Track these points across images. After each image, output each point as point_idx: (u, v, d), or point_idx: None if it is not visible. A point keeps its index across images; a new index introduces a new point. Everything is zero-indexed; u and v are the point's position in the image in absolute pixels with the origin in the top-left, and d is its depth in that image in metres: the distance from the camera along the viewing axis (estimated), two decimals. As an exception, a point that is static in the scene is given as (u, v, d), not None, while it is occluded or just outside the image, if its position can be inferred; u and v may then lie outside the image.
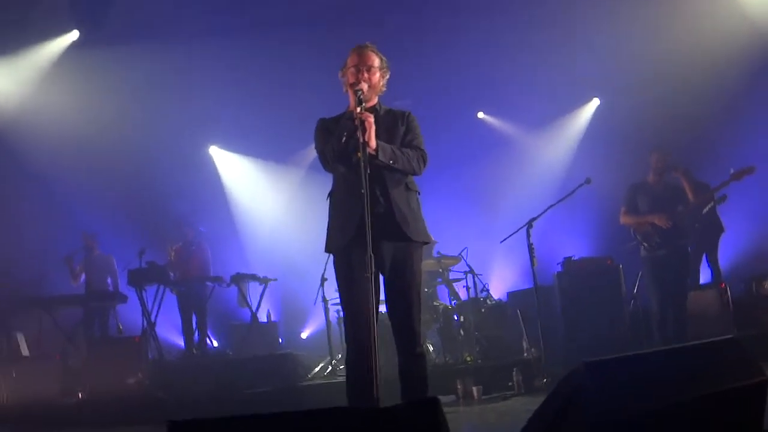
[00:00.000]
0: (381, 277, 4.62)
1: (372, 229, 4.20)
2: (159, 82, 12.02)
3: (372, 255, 4.16)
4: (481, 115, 14.38)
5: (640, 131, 11.35)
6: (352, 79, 4.72)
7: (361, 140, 4.36)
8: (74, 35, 11.79)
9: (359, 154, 4.33)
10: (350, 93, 4.69)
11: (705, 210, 9.57)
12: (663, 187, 8.55)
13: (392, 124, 4.81)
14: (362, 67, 4.74)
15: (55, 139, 11.82)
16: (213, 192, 14.25)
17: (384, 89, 4.91)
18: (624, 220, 8.73)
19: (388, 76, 4.91)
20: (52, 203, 12.65)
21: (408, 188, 4.75)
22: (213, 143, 14.53)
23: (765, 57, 11.16)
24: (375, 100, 4.86)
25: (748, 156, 8.87)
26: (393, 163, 4.58)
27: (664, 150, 8.71)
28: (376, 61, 4.81)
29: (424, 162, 4.78)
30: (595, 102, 13.77)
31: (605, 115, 13.41)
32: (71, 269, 11.51)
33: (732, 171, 8.26)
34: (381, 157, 4.50)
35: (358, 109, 4.48)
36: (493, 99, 13.69)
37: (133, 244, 11.03)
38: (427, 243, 4.83)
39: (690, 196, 8.60)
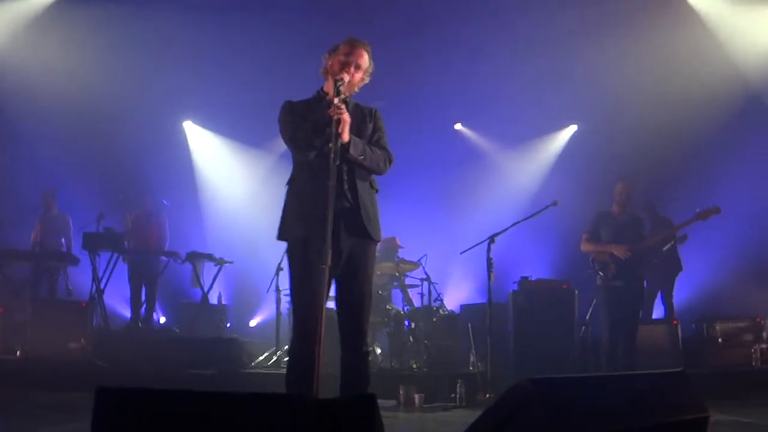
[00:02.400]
0: (334, 271, 4.55)
1: (334, 222, 4.17)
2: (140, 48, 11.87)
3: (330, 247, 4.10)
4: (458, 126, 14.39)
5: (612, 161, 11.41)
6: (336, 68, 4.65)
7: (334, 132, 4.30)
8: (60, -11, 11.62)
9: (331, 145, 4.27)
10: (330, 81, 4.61)
11: (666, 247, 9.60)
12: (626, 219, 8.54)
13: (360, 119, 4.73)
14: (351, 60, 4.66)
15: (27, 91, 11.63)
16: (181, 166, 14.09)
17: (357, 91, 4.82)
18: (584, 247, 8.70)
19: (366, 82, 4.82)
20: (17, 155, 12.44)
21: (371, 186, 4.71)
22: (188, 118, 14.37)
23: (743, 100, 11.30)
24: (346, 95, 4.79)
25: (714, 197, 8.92)
26: (363, 159, 4.52)
27: (629, 180, 8.69)
28: (365, 63, 4.73)
29: (390, 162, 4.74)
30: (572, 128, 13.85)
31: (580, 142, 13.51)
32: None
33: (698, 210, 8.25)
34: (352, 151, 4.44)
35: (336, 100, 4.41)
36: (473, 112, 13.73)
37: (93, 207, 10.89)
38: (380, 241, 4.78)
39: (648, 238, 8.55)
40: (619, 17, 11.16)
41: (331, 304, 4.74)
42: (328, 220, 4.12)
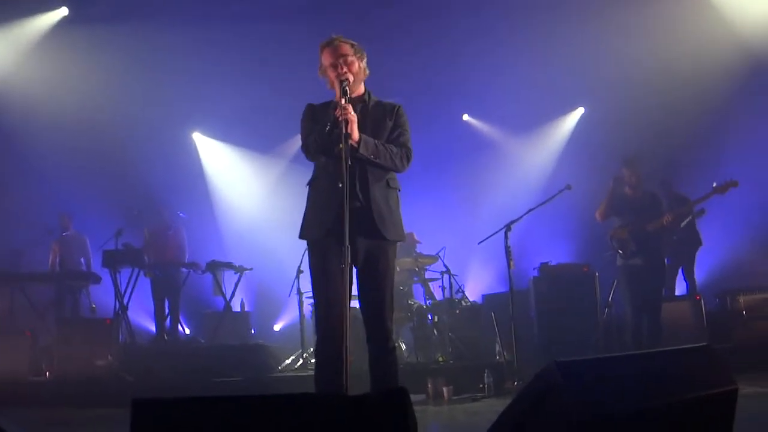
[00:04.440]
0: (354, 270, 4.59)
1: (348, 223, 4.18)
2: (145, 65, 11.97)
3: (348, 246, 4.12)
4: (466, 117, 14.40)
5: (623, 141, 11.34)
6: (332, 75, 4.65)
7: (343, 132, 4.33)
8: (63, 12, 11.71)
9: (341, 146, 4.30)
10: (336, 84, 4.60)
11: (683, 223, 9.57)
12: (642, 197, 8.52)
13: (380, 116, 4.74)
14: (339, 60, 4.65)
15: (37, 115, 11.76)
16: (193, 178, 14.19)
17: (367, 72, 4.82)
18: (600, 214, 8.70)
19: (366, 59, 4.81)
20: (31, 179, 12.57)
21: (389, 185, 4.70)
22: (196, 129, 14.47)
23: (749, 69, 11.22)
24: (362, 89, 4.81)
25: (729, 170, 8.88)
26: (375, 158, 4.53)
27: (633, 163, 8.64)
28: (349, 50, 4.71)
29: (408, 160, 4.71)
30: (580, 111, 13.83)
31: (589, 123, 13.48)
32: None
33: (715, 184, 8.19)
34: (362, 150, 4.45)
35: (342, 101, 4.44)
36: (479, 102, 13.74)
37: (109, 225, 10.94)
38: (402, 241, 4.80)
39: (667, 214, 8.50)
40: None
41: (355, 303, 4.77)
42: (344, 220, 4.15)
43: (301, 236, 4.70)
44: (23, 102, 11.73)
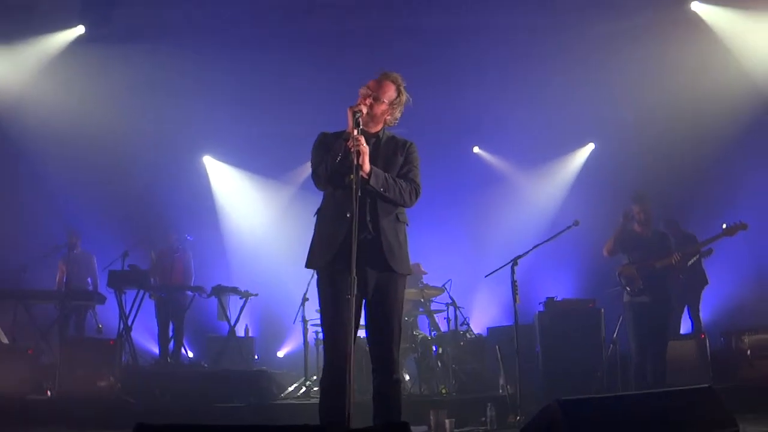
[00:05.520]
0: (363, 301, 4.61)
1: (357, 253, 4.20)
2: (159, 86, 12.00)
3: (355, 277, 4.14)
4: (476, 149, 14.43)
5: (632, 179, 11.38)
6: (359, 100, 4.72)
7: (354, 162, 4.35)
8: (79, 30, 11.74)
9: (352, 177, 4.33)
10: (348, 114, 4.63)
11: (690, 262, 9.55)
12: (651, 236, 8.53)
13: (392, 152, 4.80)
14: (371, 93, 4.73)
15: (50, 132, 11.77)
16: (202, 201, 14.22)
17: (393, 124, 4.90)
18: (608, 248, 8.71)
19: (401, 110, 4.88)
20: (40, 196, 12.60)
21: (398, 219, 4.75)
22: (207, 153, 14.53)
23: (759, 110, 11.23)
24: (379, 128, 4.84)
25: (738, 210, 8.87)
26: (384, 191, 4.57)
27: (643, 199, 8.66)
28: (389, 95, 4.78)
29: (416, 195, 4.78)
30: (590, 146, 13.84)
31: (599, 160, 13.49)
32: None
33: (724, 226, 8.19)
34: (373, 182, 4.50)
35: (355, 132, 4.47)
36: (490, 135, 13.78)
37: (116, 245, 10.97)
38: (409, 274, 4.81)
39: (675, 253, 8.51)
40: (632, 34, 11.17)
41: (363, 333, 4.78)
42: (352, 251, 4.17)
43: (308, 265, 4.73)
44: (36, 118, 11.74)
